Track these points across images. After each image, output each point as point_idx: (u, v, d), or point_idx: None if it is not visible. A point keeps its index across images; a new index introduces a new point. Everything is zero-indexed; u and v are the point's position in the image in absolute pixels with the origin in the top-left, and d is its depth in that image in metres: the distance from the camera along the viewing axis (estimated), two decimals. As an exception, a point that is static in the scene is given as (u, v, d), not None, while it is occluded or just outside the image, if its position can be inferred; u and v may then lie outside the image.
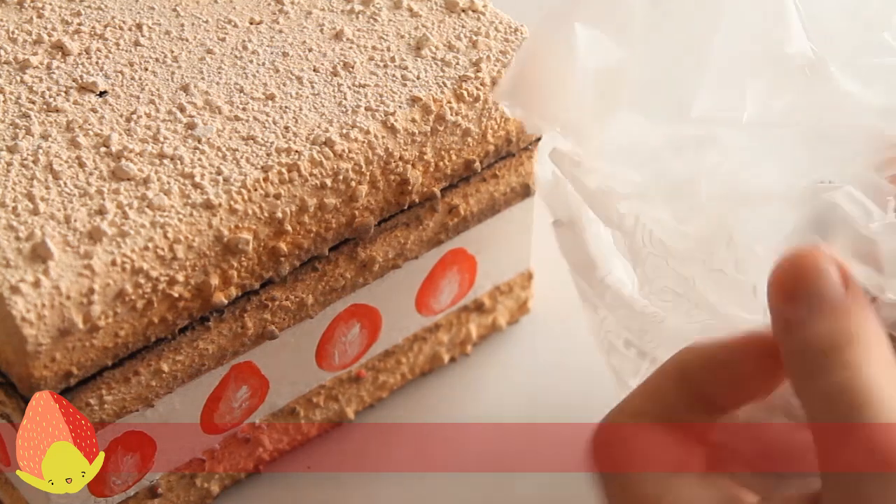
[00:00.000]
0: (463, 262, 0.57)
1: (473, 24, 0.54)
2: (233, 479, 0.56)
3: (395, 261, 0.54)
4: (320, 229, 0.50)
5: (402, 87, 0.52)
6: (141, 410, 0.50)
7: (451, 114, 0.52)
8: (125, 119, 0.50)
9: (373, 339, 0.56)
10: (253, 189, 0.48)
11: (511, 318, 0.61)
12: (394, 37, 0.53)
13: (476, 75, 0.52)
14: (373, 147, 0.50)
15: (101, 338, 0.47)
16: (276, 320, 0.52)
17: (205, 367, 0.51)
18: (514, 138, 0.55)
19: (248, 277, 0.49)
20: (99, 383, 0.48)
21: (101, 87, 0.51)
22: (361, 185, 0.50)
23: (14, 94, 0.51)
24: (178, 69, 0.52)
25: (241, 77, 0.52)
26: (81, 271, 0.46)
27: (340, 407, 0.57)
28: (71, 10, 0.54)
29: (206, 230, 0.48)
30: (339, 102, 0.51)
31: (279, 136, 0.50)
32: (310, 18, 0.54)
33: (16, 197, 0.47)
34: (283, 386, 0.54)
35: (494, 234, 0.57)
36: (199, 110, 0.50)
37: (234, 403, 0.53)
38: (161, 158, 0.49)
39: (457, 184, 0.54)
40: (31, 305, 0.45)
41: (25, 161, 0.49)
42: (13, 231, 0.46)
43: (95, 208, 0.47)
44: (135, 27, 0.53)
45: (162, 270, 0.47)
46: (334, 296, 0.53)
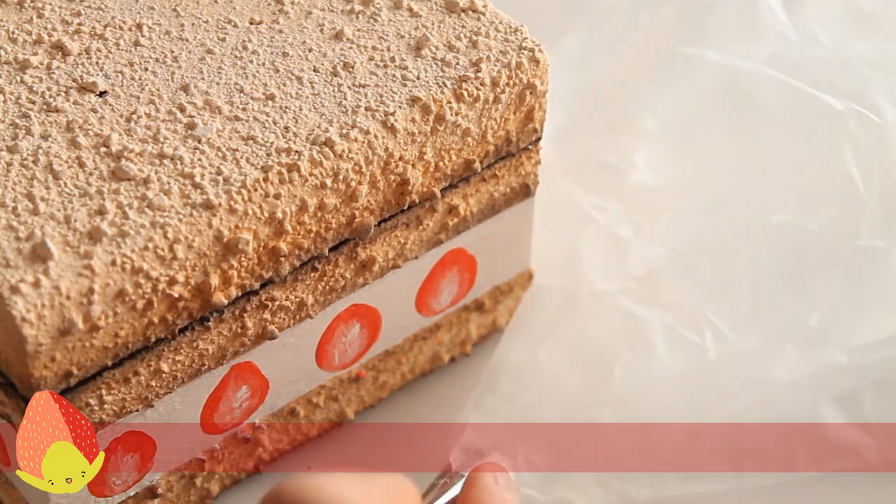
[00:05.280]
0: (463, 262, 0.57)
1: (473, 24, 0.54)
2: (233, 479, 0.56)
3: (395, 261, 0.54)
4: (320, 229, 0.50)
5: (402, 87, 0.52)
6: (141, 410, 0.50)
7: (451, 114, 0.52)
8: (125, 119, 0.50)
9: (373, 339, 0.56)
10: (253, 189, 0.48)
11: (511, 318, 0.61)
12: (394, 37, 0.53)
13: (476, 75, 0.52)
14: (373, 147, 0.50)
15: (101, 338, 0.47)
16: (276, 320, 0.52)
17: (205, 367, 0.51)
18: (514, 138, 0.55)
19: (248, 277, 0.49)
20: (99, 383, 0.48)
21: (101, 87, 0.51)
22: (361, 185, 0.50)
23: (14, 94, 0.51)
24: (178, 69, 0.52)
25: (241, 77, 0.52)
26: (81, 271, 0.46)
27: (340, 407, 0.57)
28: (71, 10, 0.54)
29: (206, 230, 0.48)
30: (339, 102, 0.51)
31: (279, 136, 0.50)
32: (310, 18, 0.54)
33: (16, 197, 0.47)
34: (283, 386, 0.54)
35: (494, 234, 0.57)
36: (199, 110, 0.50)
37: (234, 403, 0.53)
38: (161, 158, 0.49)
39: (457, 184, 0.54)
40: (31, 305, 0.45)
41: (25, 161, 0.49)
42: (13, 231, 0.46)
43: (95, 208, 0.47)
44: (135, 27, 0.53)
45: (162, 270, 0.47)
46: (334, 296, 0.53)
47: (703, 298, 0.56)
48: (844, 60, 0.59)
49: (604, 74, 0.64)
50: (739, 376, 0.54)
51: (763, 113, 0.59)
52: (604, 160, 0.61)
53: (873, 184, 0.56)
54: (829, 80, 0.58)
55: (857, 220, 0.56)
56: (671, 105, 0.61)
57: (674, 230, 0.58)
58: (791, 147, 0.59)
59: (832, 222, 0.56)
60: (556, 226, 0.60)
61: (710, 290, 0.56)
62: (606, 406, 0.54)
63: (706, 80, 0.61)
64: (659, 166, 0.61)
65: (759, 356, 0.54)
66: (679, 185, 0.60)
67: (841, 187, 0.56)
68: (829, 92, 0.58)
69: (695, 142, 0.61)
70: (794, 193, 0.57)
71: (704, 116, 0.61)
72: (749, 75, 0.60)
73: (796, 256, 0.56)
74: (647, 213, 0.59)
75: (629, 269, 0.58)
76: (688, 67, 0.61)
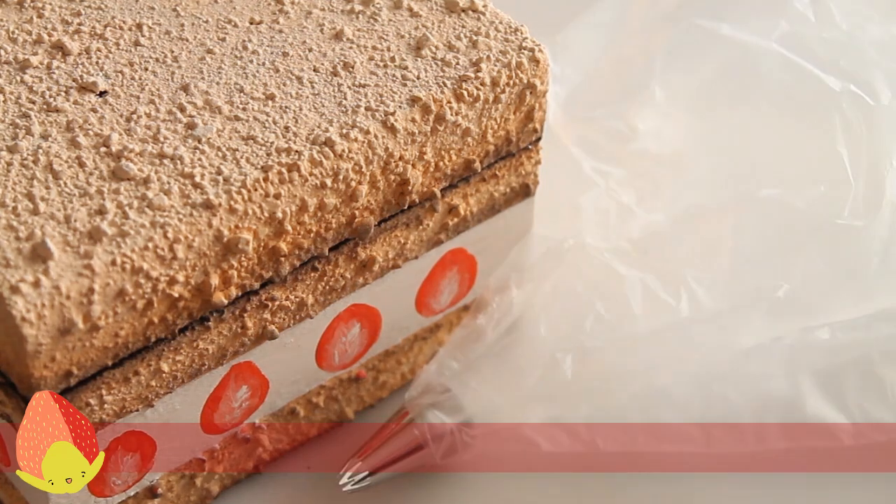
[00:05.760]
0: (463, 262, 0.57)
1: (473, 24, 0.54)
2: (233, 479, 0.56)
3: (395, 261, 0.54)
4: (320, 229, 0.50)
5: (402, 87, 0.52)
6: (141, 410, 0.50)
7: (451, 114, 0.52)
8: (125, 119, 0.50)
9: (373, 339, 0.56)
10: (253, 189, 0.48)
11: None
12: (394, 37, 0.53)
13: (476, 75, 0.52)
14: (373, 147, 0.50)
15: (101, 338, 0.47)
16: (276, 320, 0.52)
17: (205, 367, 0.51)
18: (514, 138, 0.55)
19: (248, 277, 0.49)
20: (99, 383, 0.48)
21: (101, 87, 0.51)
22: (361, 185, 0.50)
23: (14, 94, 0.51)
24: (179, 69, 0.52)
25: (241, 77, 0.52)
26: (81, 271, 0.46)
27: (340, 407, 0.57)
28: (71, 10, 0.54)
29: (206, 230, 0.48)
30: (339, 102, 0.51)
31: (279, 136, 0.50)
32: (310, 18, 0.54)
33: (16, 197, 0.47)
34: (283, 386, 0.54)
35: (494, 234, 0.57)
36: (199, 110, 0.50)
37: (234, 403, 0.53)
38: (161, 158, 0.49)
39: (457, 184, 0.54)
40: (31, 305, 0.45)
41: (25, 161, 0.49)
42: (13, 231, 0.46)
43: (95, 208, 0.47)
44: (135, 27, 0.53)
45: (162, 270, 0.47)
46: (334, 296, 0.53)
47: (686, 264, 0.57)
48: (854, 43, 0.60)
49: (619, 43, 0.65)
50: (707, 341, 0.55)
51: (765, 89, 0.60)
52: (609, 126, 0.63)
53: (861, 165, 0.57)
54: (834, 61, 0.59)
55: (843, 200, 0.56)
56: (680, 76, 0.63)
57: (671, 197, 0.60)
58: (787, 124, 0.60)
59: (819, 200, 0.57)
60: (558, 185, 0.60)
61: (694, 257, 0.57)
62: (570, 353, 0.55)
63: (717, 54, 0.62)
64: (663, 135, 0.62)
65: (727, 322, 0.56)
66: (680, 154, 0.61)
67: (830, 166, 0.57)
68: (832, 72, 0.59)
69: (699, 113, 0.62)
70: (785, 169, 0.58)
71: (711, 89, 0.62)
72: (757, 51, 0.61)
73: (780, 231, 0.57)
74: (647, 179, 0.61)
75: (622, 231, 0.59)
76: (701, 40, 0.62)
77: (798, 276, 0.56)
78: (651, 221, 0.59)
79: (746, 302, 0.56)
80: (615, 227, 0.59)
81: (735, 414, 0.55)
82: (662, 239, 0.58)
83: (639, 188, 0.60)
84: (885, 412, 0.55)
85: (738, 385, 0.55)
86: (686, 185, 0.60)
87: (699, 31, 0.62)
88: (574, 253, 0.58)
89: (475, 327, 0.57)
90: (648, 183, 0.61)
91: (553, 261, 0.58)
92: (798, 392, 0.55)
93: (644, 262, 0.57)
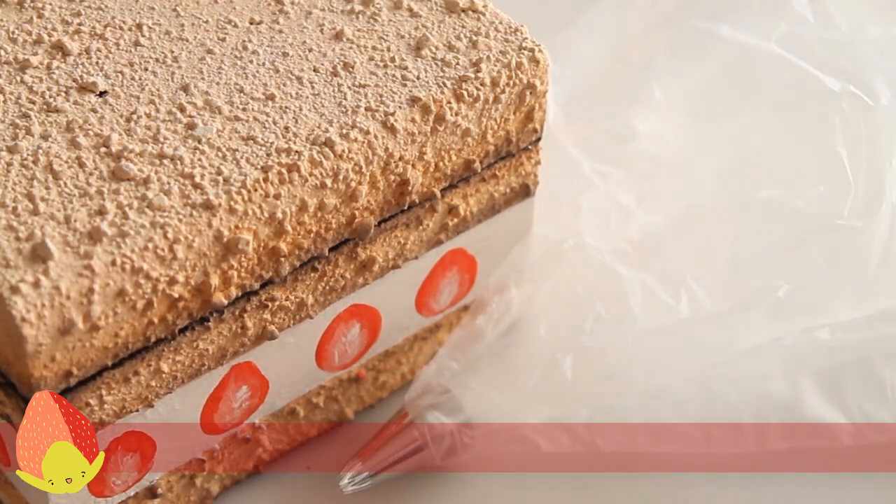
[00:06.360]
0: (463, 262, 0.57)
1: (473, 24, 0.54)
2: (233, 479, 0.56)
3: (395, 261, 0.54)
4: (320, 229, 0.50)
5: (402, 87, 0.52)
6: (141, 410, 0.50)
7: (450, 114, 0.52)
8: (125, 119, 0.50)
9: (373, 340, 0.56)
10: (253, 189, 0.48)
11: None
12: (394, 37, 0.53)
13: (476, 75, 0.52)
14: (373, 147, 0.50)
15: (101, 338, 0.47)
16: (276, 320, 0.52)
17: (205, 367, 0.51)
18: (514, 138, 0.55)
19: (248, 277, 0.49)
20: (99, 383, 0.48)
21: (101, 87, 0.51)
22: (361, 185, 0.51)
23: (14, 94, 0.51)
24: (178, 69, 0.52)
25: (241, 77, 0.52)
26: (81, 271, 0.46)
27: (340, 407, 0.57)
28: (71, 10, 0.54)
29: (206, 230, 0.48)
30: (339, 102, 0.51)
31: (279, 136, 0.50)
32: (310, 18, 0.54)
33: (16, 197, 0.47)
34: (283, 386, 0.54)
35: (494, 234, 0.57)
36: (199, 110, 0.50)
37: (234, 403, 0.53)
38: (161, 159, 0.49)
39: (457, 184, 0.54)
40: (31, 305, 0.45)
41: (25, 161, 0.49)
42: (13, 231, 0.46)
43: (95, 208, 0.47)
44: (135, 27, 0.53)
45: (162, 270, 0.47)
46: (334, 296, 0.53)
47: (686, 264, 0.57)
48: (854, 43, 0.60)
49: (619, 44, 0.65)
50: (707, 341, 0.56)
51: (765, 90, 0.60)
52: (609, 127, 0.63)
53: (860, 165, 0.57)
54: (834, 62, 0.59)
55: (843, 200, 0.57)
56: (680, 77, 0.63)
57: (670, 198, 0.60)
58: (786, 125, 0.60)
59: (818, 200, 0.57)
60: (558, 185, 0.60)
61: (694, 257, 0.57)
62: (570, 353, 0.55)
63: (716, 55, 0.62)
64: (662, 136, 0.62)
65: (726, 322, 0.56)
66: (680, 154, 0.61)
67: (829, 167, 0.57)
68: (831, 73, 0.59)
69: (699, 114, 0.62)
70: (785, 170, 0.58)
71: (710, 90, 0.62)
72: (757, 52, 0.61)
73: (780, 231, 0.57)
74: (646, 180, 0.61)
75: (622, 231, 0.59)
76: (701, 41, 0.63)
77: (798, 277, 0.56)
78: (651, 222, 0.59)
79: (746, 302, 0.56)
80: (615, 227, 0.59)
81: (735, 414, 0.55)
82: (662, 239, 0.58)
83: (638, 189, 0.61)
84: (885, 412, 0.55)
85: (738, 385, 0.55)
86: (686, 185, 0.60)
87: (699, 33, 0.63)
88: (574, 253, 0.58)
89: (475, 327, 0.57)
90: (648, 183, 0.61)
91: (553, 261, 0.58)
92: (798, 392, 0.56)
93: (644, 263, 0.57)
